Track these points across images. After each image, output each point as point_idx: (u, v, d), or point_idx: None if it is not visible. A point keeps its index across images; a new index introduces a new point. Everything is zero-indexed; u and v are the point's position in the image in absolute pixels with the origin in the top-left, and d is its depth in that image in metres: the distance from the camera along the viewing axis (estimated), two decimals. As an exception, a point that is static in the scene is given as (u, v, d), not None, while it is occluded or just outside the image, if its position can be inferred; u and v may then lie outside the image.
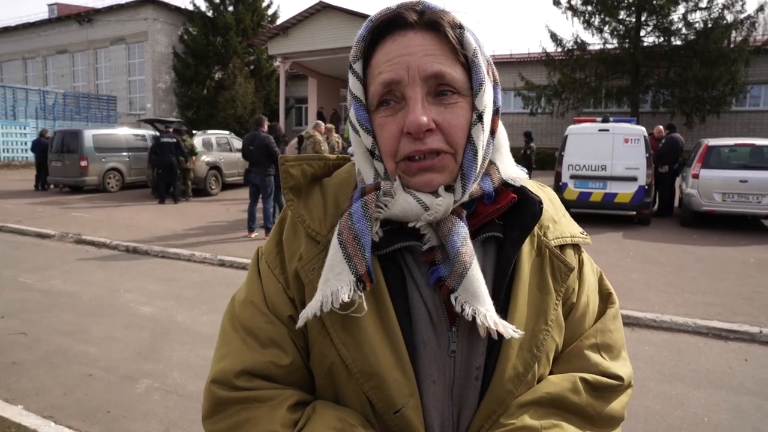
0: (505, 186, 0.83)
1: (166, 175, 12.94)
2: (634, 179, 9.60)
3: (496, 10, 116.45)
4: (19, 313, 5.25)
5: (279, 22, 25.79)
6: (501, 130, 0.84)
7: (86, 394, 3.63)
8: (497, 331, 0.73)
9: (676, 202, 11.18)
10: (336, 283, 0.73)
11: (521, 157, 13.75)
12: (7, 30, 32.91)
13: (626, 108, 20.42)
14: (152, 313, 5.29)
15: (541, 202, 0.81)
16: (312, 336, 0.80)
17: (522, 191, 0.82)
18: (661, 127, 11.97)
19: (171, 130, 13.51)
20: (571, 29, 34.94)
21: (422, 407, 0.77)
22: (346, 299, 0.72)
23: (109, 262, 7.50)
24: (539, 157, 16.63)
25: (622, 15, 19.94)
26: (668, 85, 19.27)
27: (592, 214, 10.34)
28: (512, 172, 0.84)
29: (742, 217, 9.67)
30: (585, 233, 0.93)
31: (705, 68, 18.04)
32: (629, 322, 5.09)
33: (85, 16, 29.71)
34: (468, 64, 0.76)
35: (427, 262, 0.78)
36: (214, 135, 15.62)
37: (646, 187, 9.60)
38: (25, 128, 23.13)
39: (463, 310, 0.73)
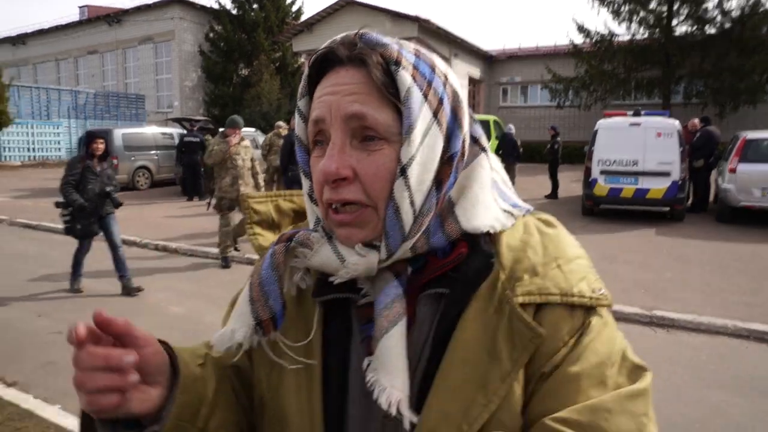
0: (467, 237, 0.70)
1: (190, 173, 13.27)
2: (667, 174, 9.35)
3: (523, 3, 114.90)
4: (54, 312, 5.37)
5: (303, 18, 25.92)
6: (477, 173, 0.73)
7: (120, 395, 3.67)
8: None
9: (712, 197, 10.87)
10: (235, 322, 0.71)
11: (547, 152, 13.50)
12: (41, 32, 33.74)
13: (657, 100, 19.90)
14: (182, 313, 5.35)
15: (491, 256, 0.69)
16: (255, 360, 0.78)
17: (473, 243, 0.70)
18: (696, 120, 11.60)
19: (195, 129, 13.75)
20: (598, 20, 34.27)
21: None
22: (239, 340, 0.70)
23: (139, 260, 7.62)
24: (566, 152, 16.26)
25: (653, 4, 19.44)
26: (701, 75, 18.72)
27: (624, 210, 10.12)
28: (481, 221, 0.70)
29: (781, 213, 9.32)
30: (600, 291, 0.69)
31: (741, 57, 17.47)
32: (664, 323, 4.96)
33: (114, 17, 30.27)
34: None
35: (364, 318, 0.71)
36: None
37: (680, 182, 9.35)
38: (58, 128, 23.70)
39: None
